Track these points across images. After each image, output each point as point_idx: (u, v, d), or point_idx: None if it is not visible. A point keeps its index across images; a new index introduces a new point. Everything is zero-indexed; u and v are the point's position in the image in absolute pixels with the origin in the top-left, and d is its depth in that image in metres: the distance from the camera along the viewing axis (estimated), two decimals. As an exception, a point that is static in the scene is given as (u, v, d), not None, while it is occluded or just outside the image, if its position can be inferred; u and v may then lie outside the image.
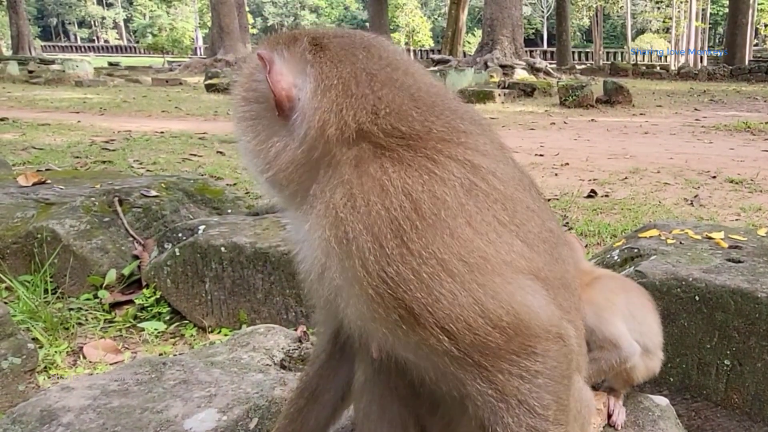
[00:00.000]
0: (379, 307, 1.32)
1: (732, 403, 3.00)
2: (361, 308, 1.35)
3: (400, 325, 1.33)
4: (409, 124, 1.45)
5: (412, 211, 1.31)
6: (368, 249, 1.31)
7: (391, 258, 1.30)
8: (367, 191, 1.34)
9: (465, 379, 1.40)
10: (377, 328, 1.37)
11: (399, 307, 1.32)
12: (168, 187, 5.28)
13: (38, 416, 2.32)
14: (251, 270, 4.10)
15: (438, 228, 1.32)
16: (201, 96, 22.98)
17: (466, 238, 1.34)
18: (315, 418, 1.95)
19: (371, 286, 1.31)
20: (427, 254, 1.30)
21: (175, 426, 2.30)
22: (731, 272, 3.04)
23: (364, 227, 1.31)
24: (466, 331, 1.33)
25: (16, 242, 4.58)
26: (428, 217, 1.32)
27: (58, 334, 4.08)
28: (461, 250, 1.33)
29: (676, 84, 31.01)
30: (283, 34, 1.58)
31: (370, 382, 1.81)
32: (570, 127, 15.20)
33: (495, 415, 1.41)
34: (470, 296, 1.33)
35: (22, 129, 12.58)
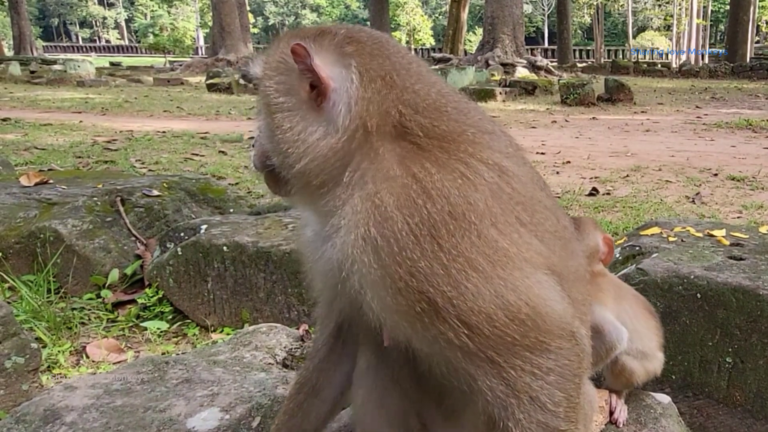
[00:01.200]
0: (405, 299, 1.37)
1: (734, 401, 3.00)
2: (387, 300, 1.39)
3: (422, 317, 1.38)
4: (446, 123, 1.52)
5: (447, 214, 1.38)
6: (405, 244, 1.36)
7: (424, 254, 1.36)
8: (411, 191, 1.39)
9: (476, 374, 1.43)
10: (399, 321, 1.42)
11: (423, 300, 1.37)
12: (170, 187, 5.28)
13: (41, 415, 2.33)
14: (253, 269, 4.11)
15: (468, 229, 1.39)
16: (202, 95, 22.99)
17: (491, 238, 1.40)
18: (315, 412, 1.96)
19: (402, 279, 1.36)
20: (456, 252, 1.37)
21: (177, 425, 2.31)
22: (733, 270, 3.04)
23: (404, 224, 1.37)
24: (485, 324, 1.38)
25: (19, 242, 4.59)
26: (460, 220, 1.38)
27: (61, 333, 4.09)
28: (486, 249, 1.39)
29: (678, 82, 30.98)
30: (309, 29, 1.59)
31: (372, 370, 1.83)
32: (571, 125, 15.19)
33: (506, 411, 1.44)
34: (492, 289, 1.38)
35: (25, 129, 12.59)
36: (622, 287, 2.52)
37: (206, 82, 25.81)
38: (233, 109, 17.85)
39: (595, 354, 2.16)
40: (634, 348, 2.30)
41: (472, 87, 21.75)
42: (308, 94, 1.50)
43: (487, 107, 19.27)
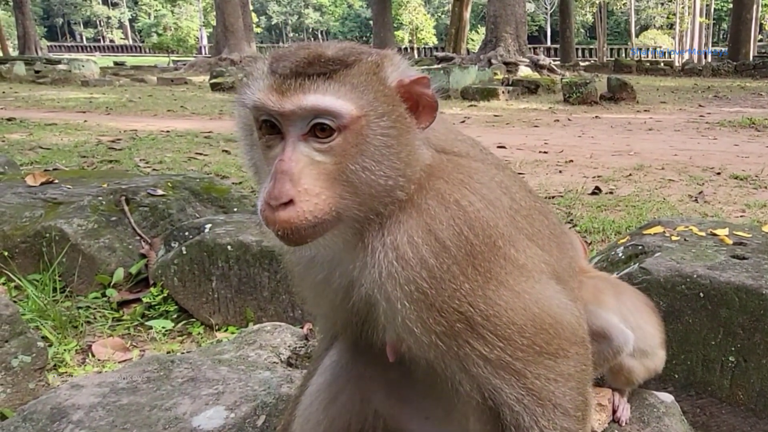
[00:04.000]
0: (445, 319, 1.45)
1: (737, 400, 3.00)
2: (426, 321, 1.45)
3: (459, 335, 1.46)
4: (458, 147, 1.64)
5: (482, 240, 1.48)
6: (450, 268, 1.45)
7: (466, 277, 1.45)
8: (457, 219, 1.47)
9: (503, 387, 1.51)
10: (434, 340, 1.46)
11: (462, 320, 1.45)
12: (174, 186, 5.30)
13: (48, 414, 2.35)
14: (257, 268, 4.13)
15: (496, 252, 1.49)
16: (206, 95, 23.01)
17: (512, 257, 1.52)
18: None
19: (444, 301, 1.44)
20: (489, 274, 1.47)
21: (183, 423, 2.33)
22: (736, 269, 3.03)
23: (451, 249, 1.45)
24: (517, 336, 1.49)
25: (25, 242, 4.62)
26: (491, 244, 1.49)
27: (67, 332, 4.12)
28: (511, 267, 1.50)
29: (680, 80, 30.90)
30: (371, 55, 1.54)
31: (345, 366, 1.89)
32: (574, 124, 15.18)
33: (532, 419, 1.53)
34: (521, 304, 1.49)
35: (30, 129, 12.62)
36: (619, 284, 2.53)
37: (210, 81, 25.83)
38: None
39: (602, 357, 2.17)
40: (635, 347, 2.30)
41: (475, 86, 21.73)
42: (412, 120, 1.52)
43: (490, 106, 19.26)
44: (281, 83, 1.40)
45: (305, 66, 1.40)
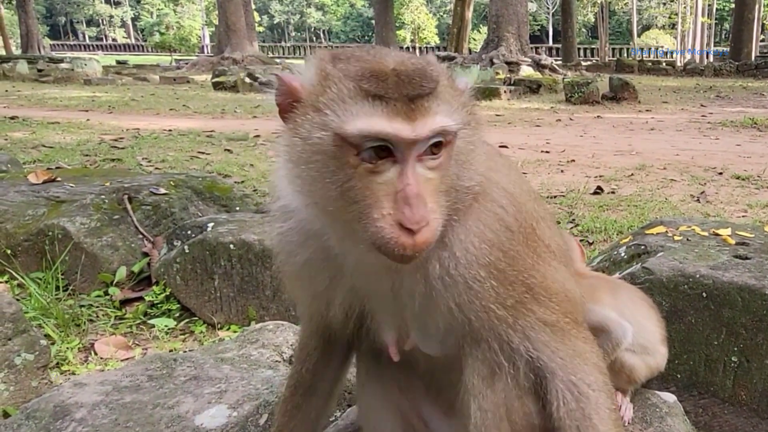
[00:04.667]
0: (515, 291, 1.63)
1: (740, 400, 3.00)
2: (496, 297, 1.61)
3: (525, 303, 1.65)
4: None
5: (530, 219, 1.72)
6: (515, 247, 1.65)
7: (528, 253, 1.68)
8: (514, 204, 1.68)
9: (557, 347, 1.70)
10: (504, 314, 1.63)
11: (527, 291, 1.65)
12: (177, 185, 5.31)
13: (51, 412, 2.36)
14: (260, 267, 4.13)
15: (536, 231, 1.74)
16: (208, 94, 23.03)
17: (543, 236, 1.77)
18: (314, 411, 2.04)
19: (513, 272, 1.64)
20: (536, 251, 1.71)
21: (186, 422, 2.34)
22: (738, 269, 3.03)
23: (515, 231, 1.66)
24: (563, 302, 1.73)
25: (28, 240, 4.62)
26: (533, 224, 1.73)
27: (70, 330, 4.12)
28: (543, 245, 1.75)
29: (682, 80, 30.89)
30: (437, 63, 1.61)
31: (372, 376, 1.94)
32: (576, 124, 15.18)
33: (578, 376, 1.71)
34: (558, 276, 1.75)
35: (32, 127, 12.64)
36: (615, 282, 2.54)
37: (212, 80, 25.83)
38: (239, 108, 17.86)
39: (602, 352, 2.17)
40: (635, 342, 2.30)
41: (477, 85, 21.26)
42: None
43: (492, 105, 19.25)
44: (405, 108, 1.37)
45: (420, 87, 1.39)
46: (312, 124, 1.41)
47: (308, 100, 1.43)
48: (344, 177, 1.39)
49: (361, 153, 1.37)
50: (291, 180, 1.51)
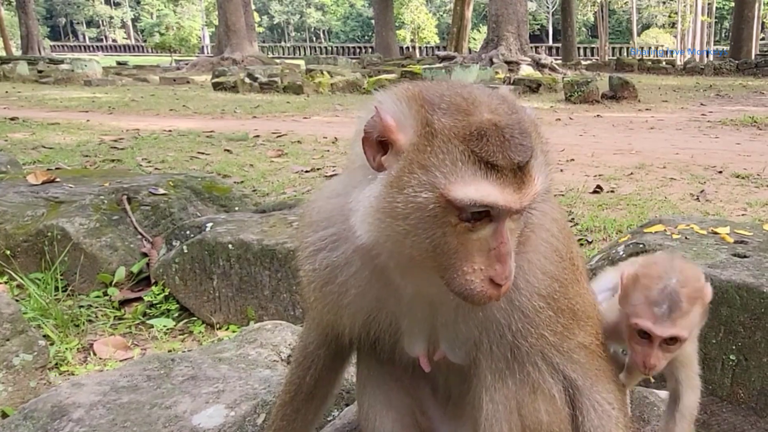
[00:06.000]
0: (563, 317, 1.71)
1: (738, 398, 3.00)
2: (548, 323, 1.68)
3: (570, 328, 1.72)
4: None
5: (570, 244, 1.79)
6: (565, 274, 1.72)
7: (572, 281, 1.75)
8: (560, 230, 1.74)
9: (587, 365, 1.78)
10: (551, 341, 1.70)
11: (572, 317, 1.73)
12: (176, 185, 5.31)
13: (49, 412, 2.36)
14: (258, 267, 4.13)
15: (574, 254, 1.80)
16: (208, 94, 23.03)
17: (575, 257, 1.82)
18: (312, 412, 2.07)
19: (564, 302, 1.71)
20: (575, 275, 1.77)
21: (183, 422, 2.34)
22: (737, 267, 3.04)
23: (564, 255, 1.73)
24: (595, 324, 1.82)
25: (27, 240, 4.63)
26: (572, 248, 1.80)
27: (69, 331, 4.13)
28: (577, 267, 1.80)
29: (682, 79, 30.83)
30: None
31: (374, 376, 1.94)
32: (575, 123, 15.17)
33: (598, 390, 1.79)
34: (590, 298, 1.86)
35: (32, 128, 12.66)
36: None
37: (212, 81, 25.82)
38: (239, 108, 17.87)
39: None
40: None
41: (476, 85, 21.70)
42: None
43: (492, 105, 19.22)
44: (513, 177, 1.38)
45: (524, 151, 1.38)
46: (419, 184, 1.37)
47: (412, 154, 1.39)
48: (440, 234, 1.39)
49: (463, 214, 1.37)
50: (374, 223, 1.44)
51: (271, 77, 24.60)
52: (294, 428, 2.03)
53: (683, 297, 1.73)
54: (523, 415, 1.71)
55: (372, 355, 1.91)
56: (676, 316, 1.74)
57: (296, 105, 19.10)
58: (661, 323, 1.74)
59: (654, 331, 1.75)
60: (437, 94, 1.44)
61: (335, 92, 23.43)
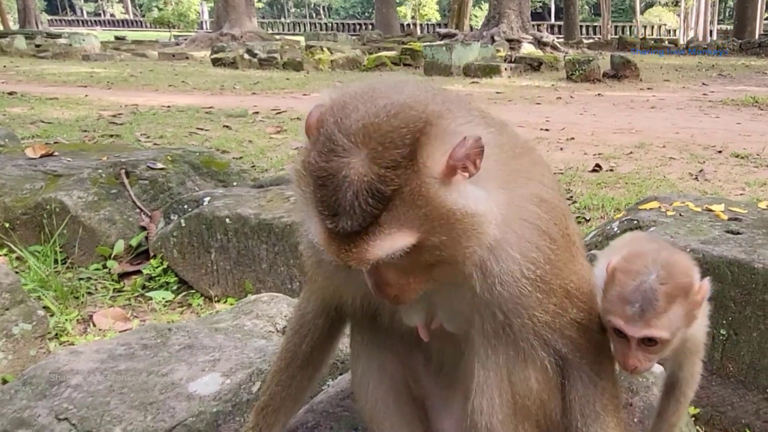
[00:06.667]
0: (556, 298, 1.68)
1: (727, 372, 3.05)
2: (540, 306, 1.66)
3: (563, 306, 1.71)
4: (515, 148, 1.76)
5: (565, 222, 1.74)
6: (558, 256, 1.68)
7: (567, 259, 1.72)
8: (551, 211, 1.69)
9: (579, 340, 1.77)
10: (545, 319, 1.69)
11: (566, 296, 1.71)
12: (174, 160, 5.33)
13: (47, 378, 2.40)
14: (256, 241, 4.16)
15: (570, 233, 1.76)
16: (207, 70, 22.93)
17: (572, 235, 1.78)
18: (307, 379, 2.10)
19: (556, 283, 1.68)
20: (572, 253, 1.75)
21: (179, 388, 2.38)
22: (729, 243, 3.07)
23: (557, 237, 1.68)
24: (588, 298, 1.78)
25: (26, 213, 4.66)
26: (567, 227, 1.75)
27: (69, 302, 4.18)
28: (574, 244, 1.78)
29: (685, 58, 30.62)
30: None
31: (369, 344, 1.95)
32: (576, 102, 15.13)
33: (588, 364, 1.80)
34: (584, 273, 1.81)
35: (31, 103, 12.62)
36: None
37: (211, 56, 25.68)
38: (238, 84, 17.80)
39: None
40: None
41: (477, 63, 21.59)
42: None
43: (492, 83, 19.17)
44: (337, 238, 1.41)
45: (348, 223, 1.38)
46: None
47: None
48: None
49: None
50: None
51: (271, 53, 24.46)
52: (288, 394, 2.06)
53: (660, 295, 1.62)
54: (513, 382, 1.73)
55: (367, 324, 1.93)
56: (650, 316, 1.63)
57: (296, 82, 19.01)
58: (633, 323, 1.65)
59: (626, 331, 1.67)
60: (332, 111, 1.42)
61: (335, 69, 23.30)
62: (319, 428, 2.22)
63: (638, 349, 1.70)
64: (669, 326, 1.65)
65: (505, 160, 1.58)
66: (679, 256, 1.76)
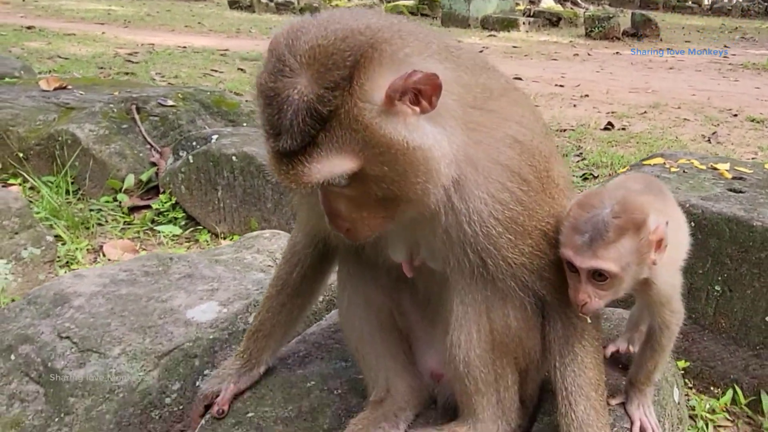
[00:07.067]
0: (532, 240, 1.70)
1: (719, 328, 3.08)
2: (515, 247, 1.68)
3: (541, 248, 1.72)
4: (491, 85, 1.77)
5: (544, 163, 1.72)
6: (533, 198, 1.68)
7: (544, 201, 1.71)
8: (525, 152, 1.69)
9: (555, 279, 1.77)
10: (520, 261, 1.71)
11: (543, 237, 1.72)
12: (185, 98, 5.36)
13: (52, 299, 2.49)
14: (261, 180, 4.21)
15: (549, 174, 1.75)
16: (224, 12, 22.72)
17: (555, 177, 1.77)
18: (297, 308, 2.18)
19: (531, 225, 1.69)
20: (551, 195, 1.74)
21: (178, 314, 2.46)
22: (730, 201, 3.07)
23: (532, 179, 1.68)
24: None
25: (39, 144, 4.73)
26: (547, 167, 1.74)
27: (80, 232, 4.27)
28: (555, 185, 1.76)
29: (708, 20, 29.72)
30: None
31: (354, 276, 2.01)
32: (593, 59, 14.91)
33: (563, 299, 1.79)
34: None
35: (49, 38, 12.61)
36: None
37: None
38: (254, 28, 17.66)
39: None
40: None
41: (496, 16, 21.19)
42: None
43: (510, 37, 18.87)
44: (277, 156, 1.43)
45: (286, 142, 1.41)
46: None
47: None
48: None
49: None
50: None
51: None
52: (279, 321, 2.13)
53: (611, 227, 1.62)
54: (492, 318, 1.77)
55: (353, 258, 1.97)
56: (598, 246, 1.62)
57: (313, 27, 18.76)
58: (582, 253, 1.64)
59: (574, 261, 1.66)
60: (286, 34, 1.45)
61: (352, 15, 22.96)
62: (310, 357, 2.29)
63: (588, 283, 1.69)
64: (617, 259, 1.64)
65: (473, 101, 1.59)
66: (641, 196, 1.76)
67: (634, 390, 2.03)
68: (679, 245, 1.94)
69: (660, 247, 1.70)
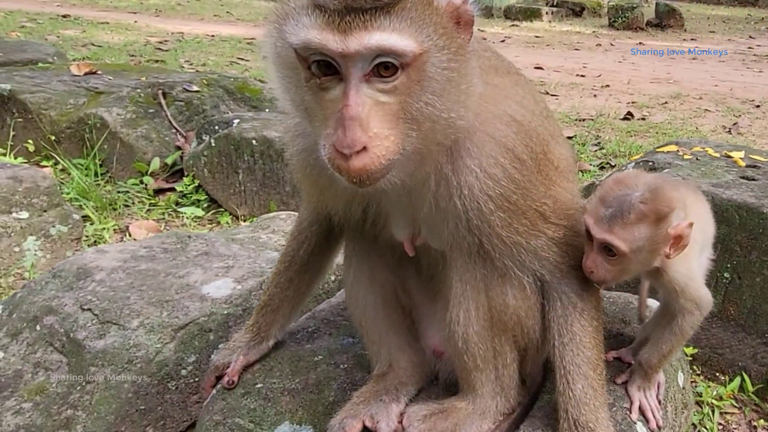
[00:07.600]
0: (527, 220, 1.70)
1: (728, 315, 3.08)
2: (508, 226, 1.69)
3: (537, 227, 1.73)
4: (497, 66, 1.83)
5: (541, 145, 1.73)
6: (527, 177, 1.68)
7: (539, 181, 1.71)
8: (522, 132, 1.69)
9: (556, 259, 1.80)
10: (515, 239, 1.71)
11: (539, 218, 1.72)
12: (209, 84, 5.47)
13: (75, 272, 2.60)
14: (280, 164, 4.31)
15: (547, 155, 1.75)
16: (252, 2, 22.72)
17: (553, 158, 1.78)
18: (305, 284, 2.24)
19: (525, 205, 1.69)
20: (547, 176, 1.74)
21: (194, 290, 2.56)
22: (741, 188, 3.06)
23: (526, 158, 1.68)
24: (568, 218, 1.80)
25: (70, 127, 4.89)
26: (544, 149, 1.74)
27: (107, 213, 4.41)
28: (554, 167, 1.77)
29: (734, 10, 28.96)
30: None
31: (359, 253, 2.06)
32: (616, 50, 14.75)
33: (566, 277, 1.84)
34: (566, 195, 1.81)
35: (83, 26, 12.87)
36: None
37: (257, -12, 25.44)
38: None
39: None
40: None
41: (519, 5, 21.02)
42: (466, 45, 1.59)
43: (532, 27, 18.73)
44: (339, 20, 1.31)
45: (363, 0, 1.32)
46: (279, 36, 1.44)
47: (274, 14, 1.47)
48: (299, 92, 1.45)
49: (311, 67, 1.37)
50: (277, 84, 1.57)
51: (317, -13, 24.07)
52: (286, 296, 2.20)
53: (634, 210, 1.68)
54: (490, 296, 1.81)
55: (358, 235, 2.03)
56: (616, 223, 1.69)
57: (341, 17, 18.78)
58: (600, 224, 1.71)
59: (590, 229, 1.72)
60: None
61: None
62: (318, 333, 2.36)
63: (598, 253, 1.75)
64: (629, 240, 1.70)
65: (485, 71, 1.63)
66: (673, 192, 1.77)
67: (640, 372, 2.05)
68: (697, 244, 1.97)
69: (678, 245, 1.76)
